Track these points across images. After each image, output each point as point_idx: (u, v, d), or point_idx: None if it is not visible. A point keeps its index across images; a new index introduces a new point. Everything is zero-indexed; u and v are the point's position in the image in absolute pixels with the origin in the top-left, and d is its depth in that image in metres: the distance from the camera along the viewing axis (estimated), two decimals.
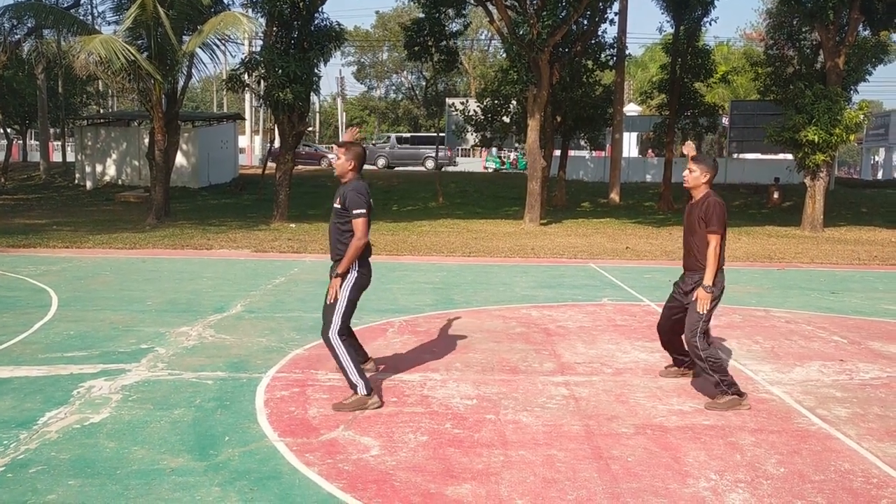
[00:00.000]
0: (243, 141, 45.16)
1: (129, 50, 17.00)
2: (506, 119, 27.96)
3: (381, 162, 40.35)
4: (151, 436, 4.54)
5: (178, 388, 5.49)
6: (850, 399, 5.54)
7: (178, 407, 5.07)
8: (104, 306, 8.46)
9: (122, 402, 5.13)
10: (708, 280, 5.23)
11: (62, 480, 3.90)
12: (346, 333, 5.25)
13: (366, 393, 5.08)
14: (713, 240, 5.23)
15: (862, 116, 20.36)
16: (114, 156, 29.78)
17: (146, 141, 23.76)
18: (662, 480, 4.05)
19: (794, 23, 23.41)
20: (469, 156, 44.02)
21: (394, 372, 5.99)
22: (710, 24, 42.38)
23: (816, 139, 19.51)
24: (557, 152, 28.01)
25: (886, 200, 28.76)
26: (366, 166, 5.58)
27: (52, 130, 39.65)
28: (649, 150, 44.97)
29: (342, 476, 4.02)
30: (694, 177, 5.42)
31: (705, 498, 3.86)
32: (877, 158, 53.80)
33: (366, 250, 5.19)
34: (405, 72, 62.92)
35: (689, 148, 5.68)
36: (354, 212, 5.06)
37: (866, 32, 22.74)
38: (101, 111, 43.32)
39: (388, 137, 43.88)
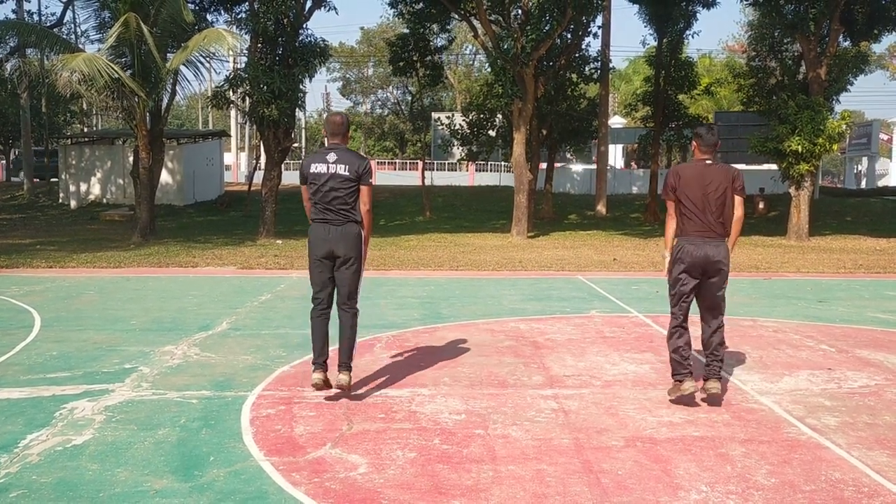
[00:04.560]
0: (229, 158, 45.11)
1: (112, 67, 16.95)
2: (492, 133, 28.07)
3: None
4: (135, 457, 4.47)
5: (163, 407, 5.42)
6: (839, 408, 5.53)
7: (162, 427, 4.99)
8: (88, 326, 8.36)
9: (106, 423, 5.05)
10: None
11: None
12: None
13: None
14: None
15: (844, 126, 20.57)
16: (98, 174, 29.64)
17: (130, 159, 23.64)
18: (653, 493, 4.01)
19: (776, 34, 23.69)
20: (455, 170, 44.01)
21: (382, 387, 5.94)
22: (693, 37, 42.77)
23: (800, 149, 19.68)
24: (544, 165, 28.11)
25: (870, 209, 29.00)
26: None
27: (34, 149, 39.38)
28: (632, 163, 45.23)
29: (329, 495, 3.96)
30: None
31: None
32: (860, 168, 54.27)
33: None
34: (391, 87, 63.04)
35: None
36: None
37: (847, 43, 23.03)
38: (85, 129, 43.16)
39: None
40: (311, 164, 5.54)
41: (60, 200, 29.58)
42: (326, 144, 5.73)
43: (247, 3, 20.89)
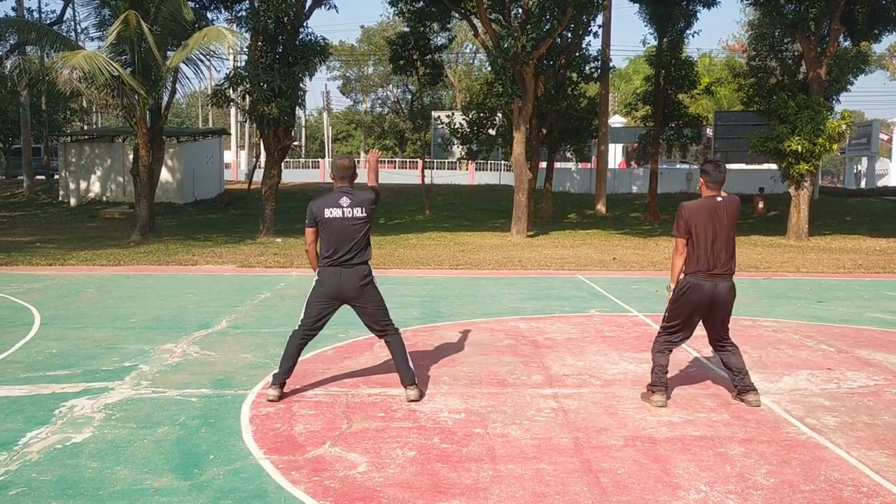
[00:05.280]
0: (229, 156, 45.07)
1: (112, 65, 16.95)
2: (491, 132, 28.05)
3: None
4: (135, 455, 4.47)
5: (162, 405, 5.42)
6: (838, 408, 5.53)
7: (161, 425, 4.99)
8: (87, 324, 8.36)
9: (105, 421, 5.05)
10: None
11: (43, 502, 3.82)
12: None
13: None
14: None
15: (844, 126, 20.56)
16: (98, 172, 29.62)
17: (130, 157, 23.65)
18: (652, 493, 4.01)
19: (776, 34, 23.68)
20: (455, 169, 44.00)
21: (381, 386, 5.94)
22: (693, 37, 42.82)
23: (800, 149, 19.68)
24: (543, 164, 28.10)
25: (870, 209, 29.00)
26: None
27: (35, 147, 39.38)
28: (632, 161, 45.20)
29: (329, 494, 3.96)
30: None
31: None
32: (859, 168, 54.26)
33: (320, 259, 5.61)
34: (391, 85, 62.97)
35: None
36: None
37: (847, 43, 23.02)
38: (85, 127, 43.15)
39: None
40: (325, 208, 5.48)
41: (60, 198, 29.57)
42: (335, 188, 5.61)
43: (247, 2, 20.92)
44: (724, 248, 5.37)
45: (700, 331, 5.71)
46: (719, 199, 5.43)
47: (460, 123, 28.27)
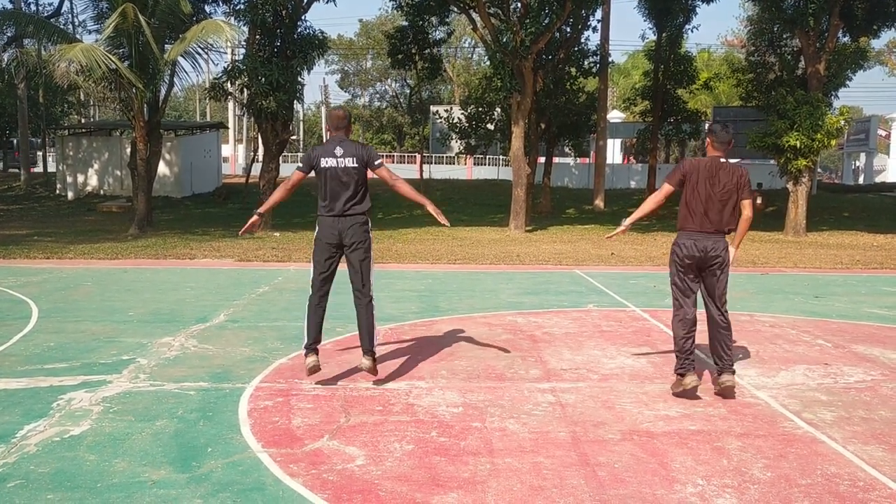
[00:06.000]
0: (227, 150, 45.02)
1: (110, 58, 16.90)
2: (490, 126, 28.04)
3: None
4: (133, 448, 4.47)
5: (160, 399, 5.42)
6: (835, 402, 5.55)
7: (159, 418, 5.00)
8: (85, 317, 8.36)
9: (103, 414, 5.05)
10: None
11: (41, 495, 3.82)
12: None
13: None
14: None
15: (843, 122, 20.58)
16: (95, 166, 29.57)
17: (128, 150, 23.61)
18: (650, 486, 4.02)
19: (775, 29, 23.67)
20: (454, 163, 44.00)
21: (379, 380, 5.94)
22: (692, 32, 42.77)
23: (798, 144, 19.69)
24: (542, 159, 28.09)
25: (868, 205, 29.04)
26: None
27: (32, 140, 39.32)
28: (629, 157, 45.21)
29: (327, 487, 3.96)
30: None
31: (693, 503, 3.84)
32: (857, 164, 54.32)
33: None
34: (389, 80, 62.93)
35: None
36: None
37: (846, 39, 23.01)
38: (83, 121, 43.05)
39: None
40: (321, 157, 5.63)
41: (58, 191, 29.52)
42: (329, 137, 5.77)
43: None
44: (717, 208, 5.44)
45: (700, 331, 5.71)
46: (722, 160, 5.52)
47: (459, 118, 28.26)
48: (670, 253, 5.68)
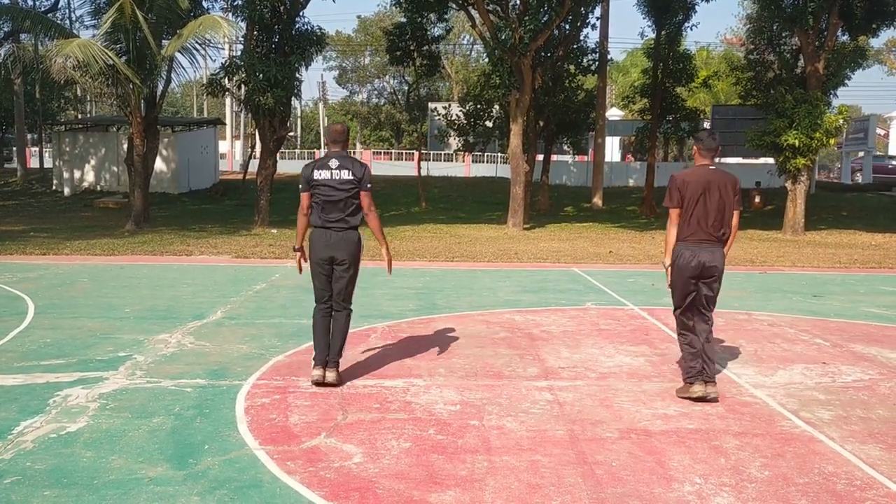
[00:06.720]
0: (224, 146, 44.93)
1: (107, 54, 16.85)
2: (488, 124, 27.98)
3: None
4: (129, 444, 4.46)
5: (157, 395, 5.41)
6: (832, 401, 5.55)
7: (156, 415, 4.98)
8: (82, 314, 8.34)
9: (100, 411, 5.04)
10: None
11: (37, 491, 3.81)
12: None
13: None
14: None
15: (842, 121, 20.58)
16: (92, 161, 29.46)
17: (125, 146, 23.55)
18: (647, 485, 4.02)
19: (775, 28, 23.62)
20: (452, 161, 43.95)
21: (376, 378, 5.93)
22: (691, 30, 42.82)
23: (797, 143, 19.67)
24: (540, 157, 28.06)
25: (866, 204, 29.04)
26: None
27: (28, 136, 39.26)
28: (628, 155, 45.19)
29: (324, 484, 3.95)
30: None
31: (690, 502, 3.83)
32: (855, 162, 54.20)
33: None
34: (387, 76, 62.78)
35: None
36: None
37: (845, 37, 22.99)
38: (79, 116, 42.95)
39: None
40: (315, 170, 5.63)
41: (54, 187, 29.43)
42: (327, 152, 5.77)
43: None
44: (712, 218, 5.43)
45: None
46: (711, 168, 5.52)
47: (457, 115, 28.18)
48: (671, 265, 5.58)
